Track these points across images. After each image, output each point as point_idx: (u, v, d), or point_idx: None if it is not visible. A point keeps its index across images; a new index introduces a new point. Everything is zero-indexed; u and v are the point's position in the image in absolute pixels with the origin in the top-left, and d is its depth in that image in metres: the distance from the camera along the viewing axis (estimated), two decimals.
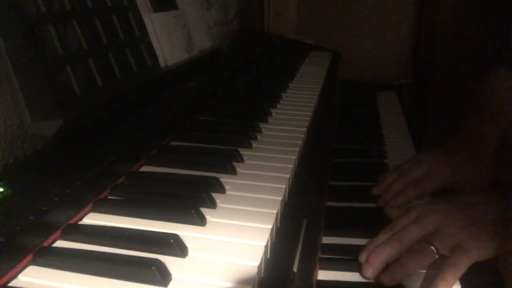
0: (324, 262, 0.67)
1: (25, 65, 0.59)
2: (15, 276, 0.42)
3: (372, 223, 0.74)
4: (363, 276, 0.65)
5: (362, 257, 0.66)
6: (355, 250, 0.68)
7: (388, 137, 1.09)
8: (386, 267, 0.64)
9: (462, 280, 0.62)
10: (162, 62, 0.91)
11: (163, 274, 0.42)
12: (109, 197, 0.56)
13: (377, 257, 0.64)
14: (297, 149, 0.71)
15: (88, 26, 0.74)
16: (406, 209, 0.72)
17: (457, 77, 1.79)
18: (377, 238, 0.67)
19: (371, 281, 0.65)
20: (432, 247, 0.63)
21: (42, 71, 0.62)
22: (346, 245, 0.71)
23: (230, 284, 0.42)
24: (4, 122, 0.59)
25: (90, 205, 0.53)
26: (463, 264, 0.61)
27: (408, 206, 0.75)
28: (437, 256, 0.63)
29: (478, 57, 1.44)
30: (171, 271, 0.43)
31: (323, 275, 0.66)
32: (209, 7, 1.31)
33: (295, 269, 0.52)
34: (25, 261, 0.43)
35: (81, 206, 0.52)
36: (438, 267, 0.62)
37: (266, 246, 0.47)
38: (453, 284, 0.61)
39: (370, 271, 0.64)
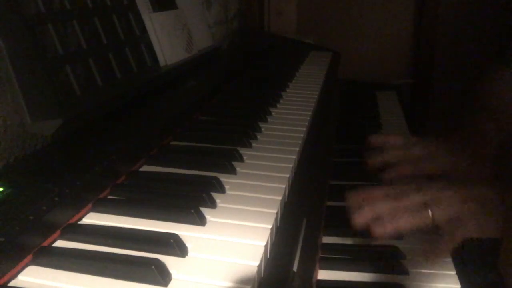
0: (324, 262, 0.67)
1: (25, 65, 0.59)
2: (15, 276, 0.42)
3: None
4: (352, 222, 0.64)
5: (349, 196, 0.65)
6: (355, 250, 0.68)
7: None
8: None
9: (462, 280, 0.63)
10: (162, 62, 0.91)
11: (163, 274, 0.42)
12: (109, 197, 0.56)
13: (371, 208, 0.63)
14: (297, 149, 0.71)
15: (88, 26, 0.74)
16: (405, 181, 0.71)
17: (457, 77, 1.79)
18: (372, 190, 0.66)
19: (371, 280, 0.65)
20: (429, 212, 0.63)
21: (42, 70, 0.62)
22: (346, 244, 0.71)
23: (230, 284, 0.42)
24: (4, 122, 0.59)
25: (90, 205, 0.53)
26: (458, 235, 0.61)
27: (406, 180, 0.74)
28: (431, 223, 0.62)
29: (478, 57, 1.44)
30: (171, 271, 0.43)
31: (323, 274, 0.66)
32: (209, 6, 1.31)
33: (295, 268, 0.52)
34: (25, 261, 0.43)
35: (81, 206, 0.52)
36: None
37: (266, 246, 0.47)
38: (446, 253, 0.61)
39: (360, 218, 0.63)
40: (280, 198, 0.56)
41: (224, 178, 0.60)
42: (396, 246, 0.69)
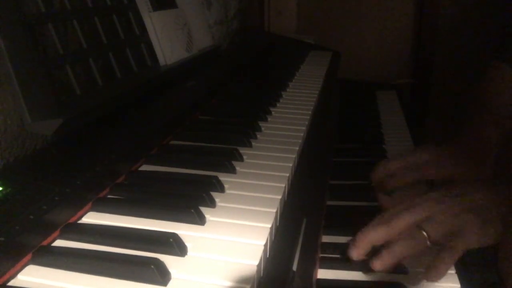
0: (324, 261, 0.67)
1: (25, 64, 0.59)
2: (14, 275, 0.42)
3: None
4: (348, 256, 0.63)
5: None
6: None
7: (388, 136, 1.09)
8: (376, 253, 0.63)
9: (462, 280, 0.62)
10: (162, 61, 0.91)
11: (163, 273, 0.42)
12: (109, 196, 0.56)
13: (363, 238, 0.63)
14: (297, 148, 0.71)
15: (88, 26, 0.75)
16: (399, 198, 0.70)
17: (457, 77, 1.79)
18: (366, 227, 0.66)
19: (371, 280, 0.65)
20: (424, 233, 0.62)
21: (42, 70, 0.62)
22: (346, 244, 0.71)
23: (229, 283, 0.42)
24: (4, 122, 0.59)
25: (89, 204, 0.53)
26: (459, 248, 0.61)
27: (400, 194, 0.73)
28: (428, 243, 0.61)
29: (478, 57, 1.43)
30: (170, 270, 0.43)
31: (322, 274, 0.66)
32: (209, 6, 1.31)
33: (294, 268, 0.52)
34: (24, 260, 0.43)
35: (80, 205, 0.52)
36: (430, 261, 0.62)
37: (265, 245, 0.47)
38: (450, 267, 0.61)
39: (355, 252, 0.63)
40: (279, 197, 0.56)
41: (224, 178, 0.60)
42: None
